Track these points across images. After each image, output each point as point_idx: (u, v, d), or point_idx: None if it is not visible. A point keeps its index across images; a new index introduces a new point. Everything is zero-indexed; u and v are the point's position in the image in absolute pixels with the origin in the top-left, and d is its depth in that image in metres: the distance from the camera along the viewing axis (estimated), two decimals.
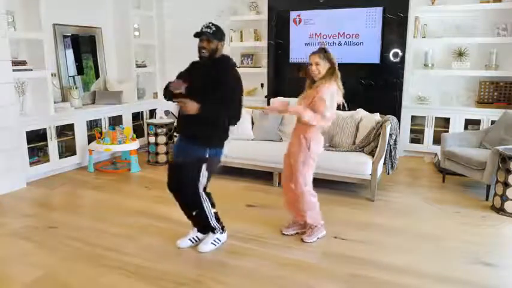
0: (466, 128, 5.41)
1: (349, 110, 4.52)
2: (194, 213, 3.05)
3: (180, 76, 2.93)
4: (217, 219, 3.10)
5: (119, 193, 4.43)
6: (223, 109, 2.77)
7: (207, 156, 2.86)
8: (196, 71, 2.90)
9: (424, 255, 3.04)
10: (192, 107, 2.68)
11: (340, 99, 3.05)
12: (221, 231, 3.12)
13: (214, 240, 3.09)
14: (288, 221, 3.42)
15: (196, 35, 2.79)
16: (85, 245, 3.19)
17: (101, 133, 5.31)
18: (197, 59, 2.90)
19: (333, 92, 2.96)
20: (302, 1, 5.96)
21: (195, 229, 3.16)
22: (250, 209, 3.94)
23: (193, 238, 3.14)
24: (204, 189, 2.97)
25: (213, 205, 3.05)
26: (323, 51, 2.99)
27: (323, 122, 3.00)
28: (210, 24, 2.81)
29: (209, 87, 2.77)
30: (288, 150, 3.26)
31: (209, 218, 3.02)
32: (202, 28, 2.80)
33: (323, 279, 2.72)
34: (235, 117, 2.85)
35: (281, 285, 2.66)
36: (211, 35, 2.76)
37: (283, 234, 3.34)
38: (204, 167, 2.86)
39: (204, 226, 3.11)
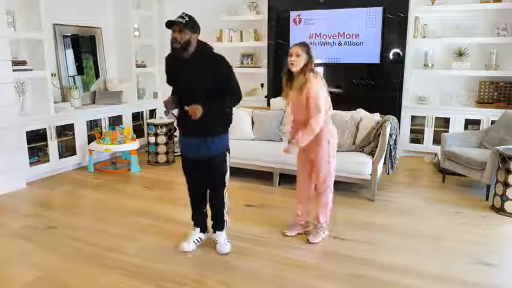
0: (466, 128, 5.41)
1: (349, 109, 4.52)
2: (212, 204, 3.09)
3: (169, 79, 2.92)
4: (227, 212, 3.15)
5: (119, 193, 4.43)
6: (231, 98, 2.83)
7: (229, 143, 2.96)
8: (184, 70, 2.78)
9: (424, 255, 3.04)
10: (198, 112, 2.66)
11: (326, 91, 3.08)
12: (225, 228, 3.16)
13: (227, 239, 3.11)
14: (288, 222, 3.42)
15: (168, 24, 2.66)
16: (85, 245, 3.19)
17: (101, 133, 5.31)
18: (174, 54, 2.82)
19: (318, 88, 2.96)
20: (302, 1, 5.96)
21: (197, 229, 3.14)
22: (250, 209, 3.94)
23: (196, 240, 3.12)
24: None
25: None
26: (305, 45, 3.01)
27: (321, 120, 2.97)
28: (183, 15, 2.69)
29: (210, 84, 2.73)
30: (306, 150, 3.13)
31: (225, 211, 3.08)
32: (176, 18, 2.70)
33: (323, 279, 2.72)
34: (240, 97, 2.90)
35: (281, 285, 2.66)
36: (183, 24, 2.63)
37: (286, 235, 3.33)
38: (228, 154, 2.95)
39: (205, 225, 3.14)
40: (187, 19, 2.67)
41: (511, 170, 3.68)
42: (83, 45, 5.89)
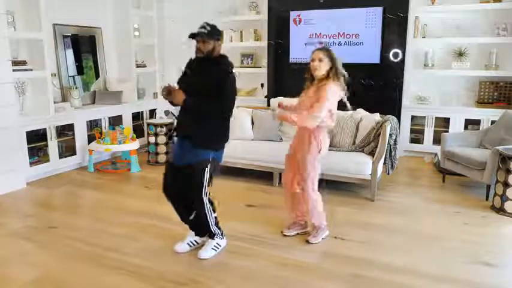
0: (466, 128, 5.42)
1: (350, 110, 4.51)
2: (192, 217, 3.00)
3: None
4: (217, 223, 3.05)
5: (119, 193, 4.43)
6: (210, 104, 2.69)
7: (210, 158, 2.82)
8: (192, 70, 2.89)
9: (424, 255, 3.04)
10: (179, 96, 2.68)
11: (343, 97, 3.07)
12: (221, 236, 3.07)
13: (215, 246, 3.03)
14: (288, 221, 3.42)
15: (192, 36, 2.74)
16: (85, 245, 3.19)
17: (101, 133, 5.31)
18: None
19: (335, 92, 2.97)
20: (302, 1, 5.97)
21: (192, 232, 3.11)
22: (250, 209, 3.94)
23: (191, 242, 3.09)
24: (207, 193, 2.90)
25: (213, 210, 3.00)
26: (327, 50, 3.02)
27: (318, 119, 2.95)
28: (205, 25, 2.74)
29: (202, 87, 2.71)
30: (293, 150, 3.21)
31: (210, 223, 2.96)
32: (198, 29, 2.75)
33: (323, 280, 2.72)
34: (222, 112, 2.77)
35: (281, 285, 2.66)
36: (206, 35, 2.70)
37: (284, 235, 3.33)
38: (207, 170, 2.82)
39: (202, 229, 3.08)
40: (209, 29, 2.72)
41: (511, 170, 3.68)
42: (83, 45, 5.88)
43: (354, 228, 3.49)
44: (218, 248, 3.04)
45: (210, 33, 2.72)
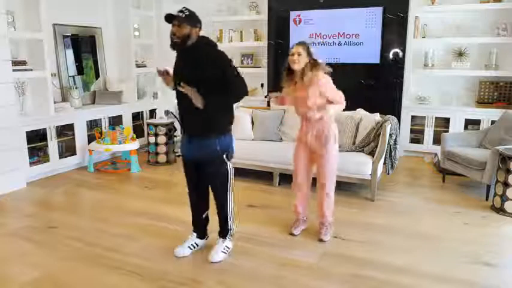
0: (466, 128, 5.42)
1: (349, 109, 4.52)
2: (204, 216, 3.03)
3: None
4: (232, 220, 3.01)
5: (119, 193, 4.43)
6: (230, 92, 2.60)
7: (228, 146, 2.78)
8: (179, 63, 2.76)
9: (424, 255, 3.04)
10: (198, 99, 2.55)
11: None
12: (230, 237, 3.01)
13: (225, 249, 2.98)
14: (292, 220, 3.42)
15: (167, 18, 2.59)
16: (85, 245, 3.19)
17: (101, 133, 5.31)
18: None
19: (330, 81, 3.04)
20: (302, 1, 5.97)
21: (194, 234, 3.09)
22: (250, 209, 3.93)
23: (192, 245, 3.06)
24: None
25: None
26: (305, 44, 3.07)
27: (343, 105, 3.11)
28: (184, 9, 2.60)
29: (200, 74, 2.59)
30: (309, 148, 3.18)
31: (229, 218, 2.93)
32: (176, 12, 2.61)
33: (323, 279, 2.72)
34: (244, 92, 2.65)
35: (281, 285, 2.66)
36: (183, 19, 2.57)
37: (293, 234, 3.31)
38: (226, 158, 2.79)
39: (204, 230, 3.09)
40: (187, 13, 2.60)
41: (511, 170, 3.68)
42: (83, 45, 5.88)
43: (354, 228, 3.49)
44: (228, 251, 3.00)
45: (188, 17, 2.59)
